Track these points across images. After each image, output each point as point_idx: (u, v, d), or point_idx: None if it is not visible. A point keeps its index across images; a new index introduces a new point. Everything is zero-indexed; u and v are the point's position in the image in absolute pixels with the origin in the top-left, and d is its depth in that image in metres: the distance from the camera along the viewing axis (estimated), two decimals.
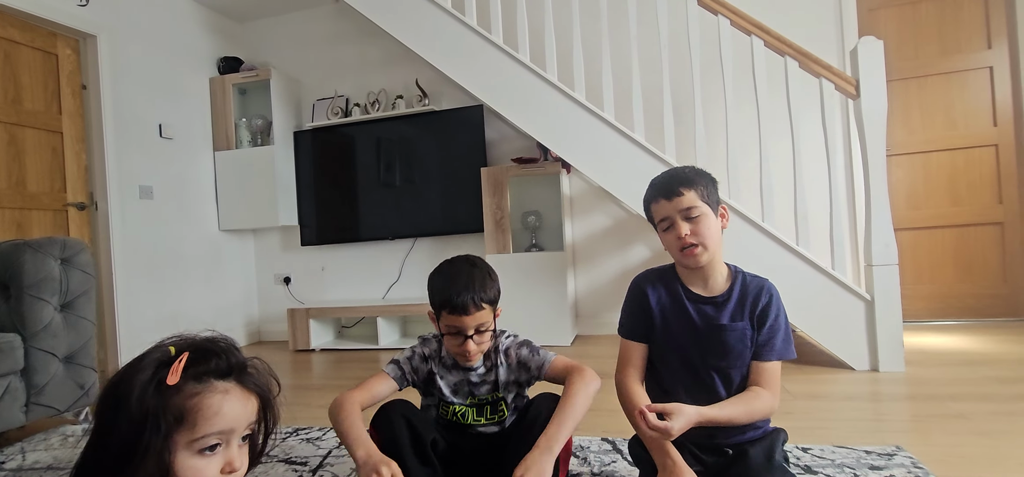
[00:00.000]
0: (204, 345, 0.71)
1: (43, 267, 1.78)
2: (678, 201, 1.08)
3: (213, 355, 0.70)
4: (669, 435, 0.97)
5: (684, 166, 1.18)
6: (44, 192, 2.72)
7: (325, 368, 2.90)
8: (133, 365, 0.68)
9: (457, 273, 1.18)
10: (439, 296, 1.17)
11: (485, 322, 1.16)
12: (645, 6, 2.86)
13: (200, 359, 0.69)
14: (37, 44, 2.71)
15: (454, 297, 1.13)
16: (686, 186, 1.09)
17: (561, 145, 2.61)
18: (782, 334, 1.10)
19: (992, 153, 2.99)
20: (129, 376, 0.66)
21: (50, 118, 2.76)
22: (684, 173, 1.13)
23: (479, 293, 1.14)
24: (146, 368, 0.66)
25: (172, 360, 0.67)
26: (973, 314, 3.02)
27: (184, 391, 0.66)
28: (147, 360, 0.67)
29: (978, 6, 3.00)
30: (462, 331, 1.15)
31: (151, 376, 0.65)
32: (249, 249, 3.94)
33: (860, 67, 2.21)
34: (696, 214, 1.08)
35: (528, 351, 1.23)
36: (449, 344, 1.20)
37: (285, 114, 3.71)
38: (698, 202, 1.08)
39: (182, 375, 0.66)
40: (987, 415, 1.64)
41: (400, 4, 2.80)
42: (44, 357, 1.78)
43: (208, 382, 0.68)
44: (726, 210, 1.14)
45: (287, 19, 3.89)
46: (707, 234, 1.08)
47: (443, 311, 1.16)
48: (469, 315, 1.13)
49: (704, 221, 1.08)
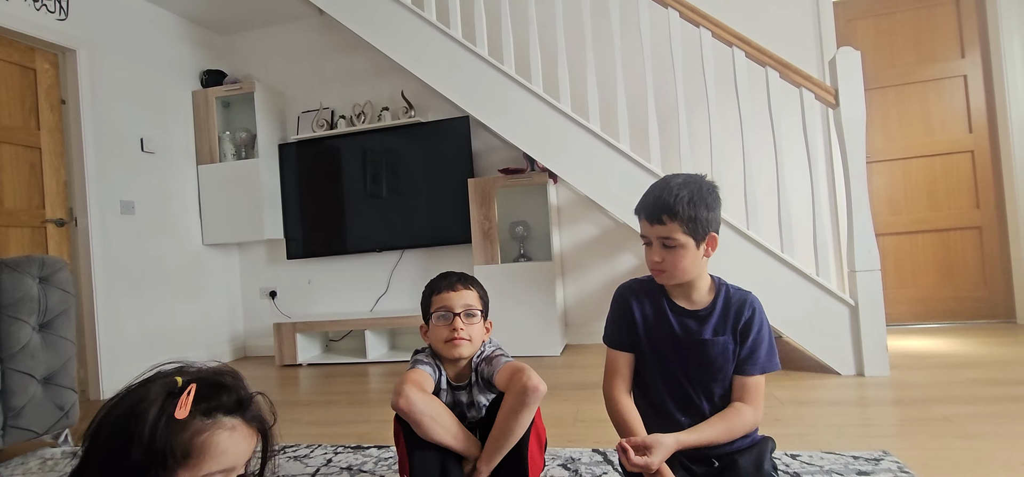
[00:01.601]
0: (212, 378, 0.68)
1: (20, 286, 1.74)
2: (658, 228, 1.07)
3: (223, 390, 0.67)
4: (650, 470, 0.99)
5: (682, 184, 1.08)
6: (22, 209, 2.66)
7: (312, 383, 2.86)
8: (136, 394, 0.64)
9: (444, 272, 1.30)
10: (429, 288, 1.27)
11: (472, 306, 1.23)
12: (628, 18, 2.90)
13: (210, 394, 0.66)
14: (14, 59, 2.66)
15: (441, 280, 1.26)
16: (670, 216, 1.05)
17: (547, 155, 2.63)
18: (765, 347, 1.10)
19: (969, 159, 3.06)
20: (136, 408, 0.63)
21: (28, 134, 2.71)
22: (673, 200, 1.06)
23: (465, 278, 1.27)
24: (154, 400, 0.63)
25: (179, 391, 0.64)
26: (954, 317, 3.08)
27: (191, 427, 0.63)
28: (153, 391, 0.64)
29: (951, 17, 3.08)
30: (450, 309, 1.20)
31: (160, 410, 0.62)
32: (234, 263, 3.89)
33: (839, 77, 2.26)
34: (672, 244, 1.06)
35: (487, 365, 1.24)
36: (440, 336, 1.21)
37: (270, 127, 3.68)
38: (678, 234, 1.06)
39: (190, 409, 0.64)
40: (971, 418, 1.66)
41: (385, 17, 2.80)
42: (22, 379, 1.73)
43: (216, 418, 0.66)
44: (715, 240, 1.09)
45: (271, 32, 3.87)
46: (677, 265, 1.07)
47: (433, 296, 1.25)
48: (455, 291, 1.22)
49: (679, 252, 1.06)
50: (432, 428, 1.11)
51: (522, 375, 1.11)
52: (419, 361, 1.23)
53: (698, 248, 1.08)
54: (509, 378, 1.14)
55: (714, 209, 1.09)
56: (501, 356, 1.23)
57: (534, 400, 1.10)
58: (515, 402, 1.10)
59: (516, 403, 1.10)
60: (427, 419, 1.10)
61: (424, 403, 1.11)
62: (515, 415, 1.10)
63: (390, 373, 2.96)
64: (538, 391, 1.10)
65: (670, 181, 1.10)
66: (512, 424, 1.11)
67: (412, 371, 1.19)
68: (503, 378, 1.16)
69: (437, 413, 1.13)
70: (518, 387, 1.10)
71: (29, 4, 2.68)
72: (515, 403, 1.10)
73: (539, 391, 1.10)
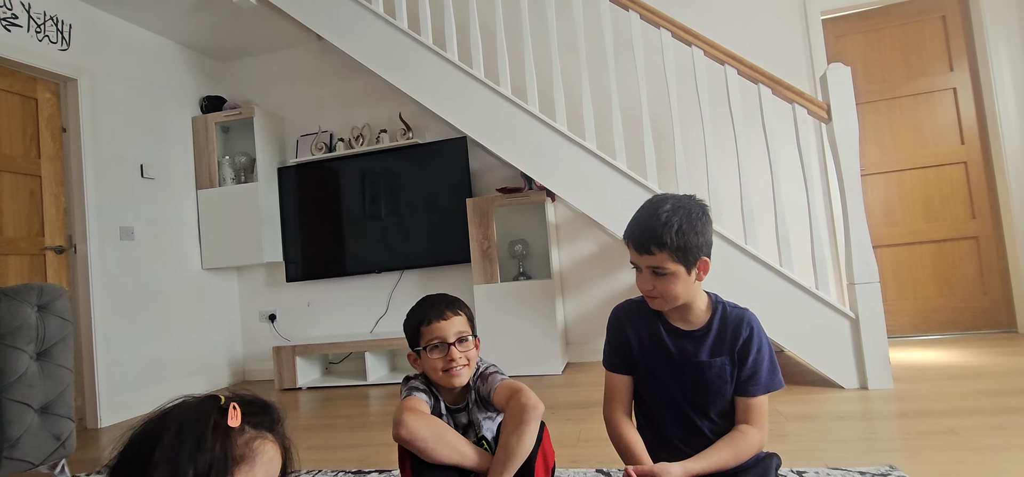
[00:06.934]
0: (253, 398, 0.77)
1: (19, 315, 1.73)
2: (647, 257, 1.05)
3: (265, 408, 0.76)
4: None
5: (672, 211, 1.04)
6: (21, 237, 2.66)
7: (312, 407, 2.83)
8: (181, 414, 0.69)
9: (430, 297, 1.26)
10: (415, 319, 1.23)
11: (464, 331, 1.21)
12: (622, 38, 2.95)
13: (256, 411, 0.75)
14: (16, 89, 2.69)
15: (429, 309, 1.22)
16: (658, 247, 1.03)
17: (544, 174, 2.64)
18: (767, 366, 1.08)
19: (962, 170, 3.09)
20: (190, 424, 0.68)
21: (28, 162, 2.72)
22: (661, 229, 1.03)
23: (450, 302, 1.23)
24: (207, 414, 0.69)
25: (224, 407, 0.71)
26: (955, 327, 3.07)
27: (244, 436, 0.71)
28: (203, 407, 0.70)
29: (938, 31, 3.14)
30: (444, 339, 1.18)
31: (215, 423, 0.69)
32: (233, 287, 3.87)
33: (830, 92, 2.29)
34: (663, 273, 1.05)
35: (483, 382, 1.23)
36: (436, 366, 1.19)
37: (269, 151, 3.70)
38: (668, 263, 1.03)
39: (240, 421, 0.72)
40: (976, 430, 1.65)
41: (382, 42, 2.84)
42: (19, 408, 1.71)
43: (262, 431, 0.74)
44: (707, 264, 1.07)
45: (270, 58, 3.92)
46: (668, 292, 1.06)
47: (422, 327, 1.21)
48: (446, 320, 1.19)
49: (670, 280, 1.04)
50: (438, 450, 1.10)
51: (520, 395, 1.12)
52: (414, 388, 1.22)
53: (690, 274, 1.06)
54: (508, 399, 1.15)
55: (704, 233, 1.06)
56: (496, 373, 1.23)
57: (533, 418, 1.10)
58: (514, 423, 1.11)
59: (515, 423, 1.10)
60: (432, 443, 1.09)
61: (427, 427, 1.10)
62: (516, 435, 1.10)
63: (391, 395, 2.94)
64: (536, 410, 1.10)
65: (659, 207, 1.06)
66: (514, 444, 1.10)
67: (408, 399, 1.18)
68: (501, 399, 1.17)
69: (442, 432, 1.12)
70: (516, 408, 1.11)
71: (32, 35, 2.72)
72: (514, 424, 1.11)
73: (537, 410, 1.11)
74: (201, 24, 3.43)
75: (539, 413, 1.11)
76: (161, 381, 3.18)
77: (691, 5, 3.15)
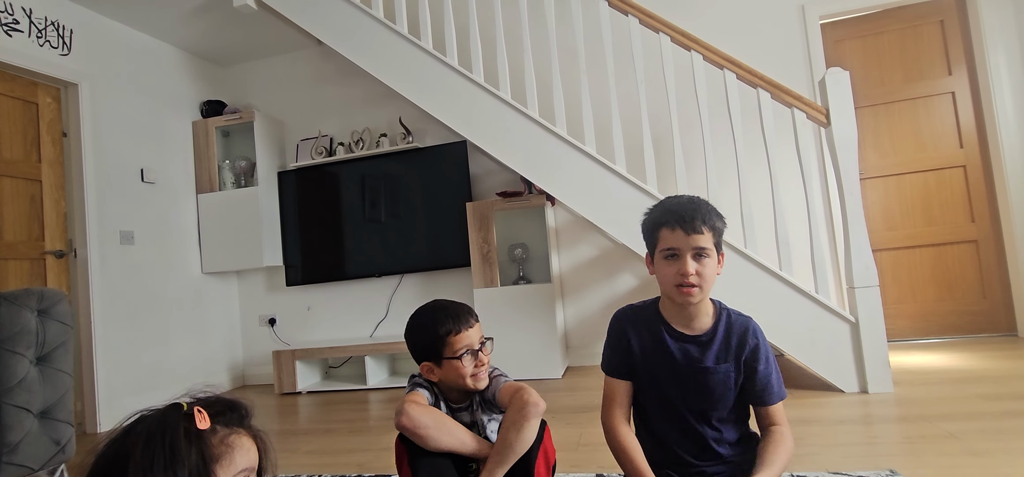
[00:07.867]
0: (217, 397, 0.76)
1: (19, 319, 1.73)
2: (696, 238, 1.03)
3: (231, 406, 0.75)
4: None
5: (703, 200, 1.09)
6: (21, 241, 2.66)
7: (312, 411, 2.83)
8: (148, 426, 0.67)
9: (442, 306, 1.25)
10: (440, 329, 1.21)
11: (483, 335, 1.25)
12: (621, 43, 2.96)
13: (222, 409, 0.73)
14: (16, 93, 2.69)
15: (455, 321, 1.21)
16: (707, 226, 1.04)
17: (544, 179, 2.65)
18: (775, 376, 1.10)
19: (961, 173, 3.10)
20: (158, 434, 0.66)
21: (29, 167, 2.72)
22: (707, 210, 1.05)
23: (468, 310, 1.26)
24: (173, 424, 0.67)
25: (189, 412, 0.70)
26: (955, 331, 3.07)
27: (218, 434, 0.70)
28: (167, 418, 0.68)
29: (936, 35, 3.15)
30: (472, 346, 1.21)
31: (185, 428, 0.68)
32: (233, 291, 3.87)
33: (829, 96, 2.30)
34: (706, 256, 1.04)
35: (488, 385, 1.25)
36: (464, 373, 1.21)
37: (269, 155, 3.71)
38: (710, 245, 1.04)
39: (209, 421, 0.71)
40: (977, 434, 1.65)
41: (382, 47, 2.85)
42: (18, 413, 1.71)
43: (234, 427, 0.73)
44: (723, 257, 1.10)
45: (270, 62, 3.93)
46: (708, 278, 1.05)
47: (450, 338, 1.20)
48: (472, 328, 1.22)
49: (709, 265, 1.04)
50: (439, 437, 1.13)
51: (522, 393, 1.16)
52: (418, 384, 1.25)
53: (718, 263, 1.08)
54: (511, 396, 1.18)
55: (723, 232, 1.10)
56: (500, 376, 1.26)
57: (533, 415, 1.13)
58: (515, 416, 1.13)
59: (516, 417, 1.13)
60: (433, 430, 1.12)
61: (427, 415, 1.14)
62: (515, 429, 1.12)
63: (390, 399, 2.94)
64: (537, 407, 1.13)
65: (681, 197, 1.10)
66: (512, 437, 1.12)
67: (411, 394, 1.22)
68: (505, 397, 1.20)
69: (442, 421, 1.15)
70: (518, 403, 1.14)
71: (33, 40, 2.73)
72: (515, 417, 1.13)
73: (538, 407, 1.13)
74: (201, 29, 3.44)
75: (540, 410, 1.13)
76: (161, 386, 3.18)
77: (690, 10, 3.16)
